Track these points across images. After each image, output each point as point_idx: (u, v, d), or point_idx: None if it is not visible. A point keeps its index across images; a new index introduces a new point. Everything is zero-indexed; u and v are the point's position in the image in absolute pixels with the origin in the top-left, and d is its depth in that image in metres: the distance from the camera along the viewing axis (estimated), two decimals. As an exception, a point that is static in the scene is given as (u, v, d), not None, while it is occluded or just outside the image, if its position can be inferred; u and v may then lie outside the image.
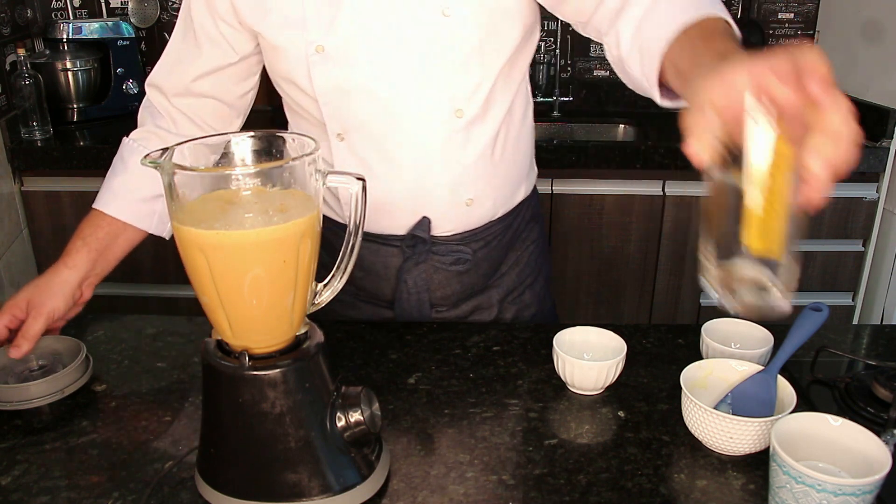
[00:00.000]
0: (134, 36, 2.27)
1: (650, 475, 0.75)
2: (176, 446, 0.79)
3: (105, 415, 0.85)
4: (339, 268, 0.72)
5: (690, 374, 0.83)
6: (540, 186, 1.24)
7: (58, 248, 2.23)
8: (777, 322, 0.95)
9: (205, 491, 0.71)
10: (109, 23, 2.23)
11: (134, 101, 2.28)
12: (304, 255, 0.66)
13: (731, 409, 0.81)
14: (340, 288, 0.72)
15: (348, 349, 0.99)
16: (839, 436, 0.70)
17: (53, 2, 2.35)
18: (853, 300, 2.12)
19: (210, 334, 0.72)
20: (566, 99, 2.46)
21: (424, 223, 1.04)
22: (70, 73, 2.15)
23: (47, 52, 2.22)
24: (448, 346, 0.99)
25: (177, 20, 1.05)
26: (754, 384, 0.82)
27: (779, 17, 2.39)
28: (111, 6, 2.37)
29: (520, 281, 1.17)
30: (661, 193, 2.01)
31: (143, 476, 0.75)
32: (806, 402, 0.87)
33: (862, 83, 2.12)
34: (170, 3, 2.38)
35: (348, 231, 0.70)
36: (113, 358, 0.98)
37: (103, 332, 1.04)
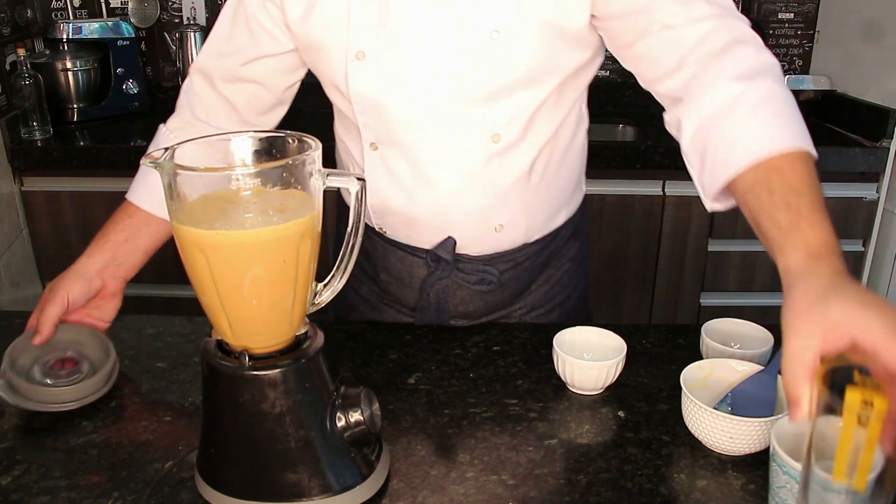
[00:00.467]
0: (134, 36, 2.26)
1: (650, 475, 0.75)
2: (176, 446, 0.79)
3: (105, 415, 0.85)
4: (338, 268, 0.72)
5: (690, 374, 0.83)
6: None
7: (58, 248, 2.23)
8: (777, 322, 0.95)
9: (205, 491, 0.71)
10: (109, 23, 2.23)
11: (134, 101, 2.28)
12: (304, 255, 0.66)
13: (731, 409, 0.81)
14: (340, 288, 0.72)
15: (348, 349, 0.99)
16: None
17: (53, 2, 2.35)
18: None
19: (210, 334, 0.72)
20: (566, 99, 2.45)
21: (449, 243, 1.01)
22: (70, 73, 2.15)
23: (47, 52, 2.21)
24: (448, 346, 0.99)
25: (223, 7, 1.02)
26: (754, 384, 0.82)
27: (779, 17, 2.39)
28: (111, 6, 2.37)
29: (548, 298, 1.13)
30: (661, 193, 2.01)
31: (143, 476, 0.75)
32: (806, 402, 0.87)
33: (862, 83, 2.12)
34: (170, 4, 2.38)
35: (348, 231, 0.70)
36: (113, 358, 0.98)
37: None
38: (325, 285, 0.72)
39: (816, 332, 0.57)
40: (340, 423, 0.69)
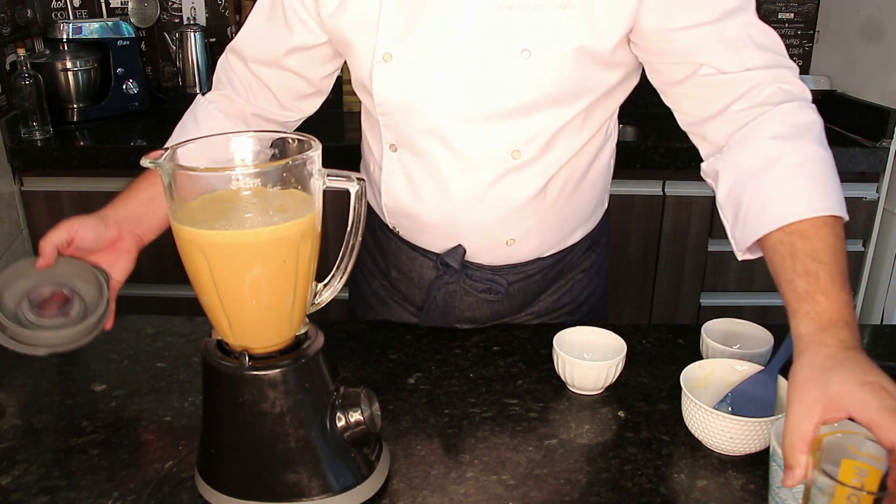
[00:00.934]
0: (134, 36, 2.26)
1: (650, 475, 0.75)
2: (176, 446, 0.79)
3: (105, 415, 0.85)
4: (338, 268, 0.72)
5: (690, 374, 0.83)
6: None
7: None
8: (777, 322, 0.95)
9: (205, 491, 0.71)
10: (109, 23, 2.23)
11: (134, 101, 2.28)
12: (304, 255, 0.66)
13: (730, 409, 0.81)
14: (340, 288, 0.72)
15: (348, 349, 0.99)
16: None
17: (53, 2, 2.35)
18: (853, 300, 2.12)
19: (210, 334, 0.72)
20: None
21: (458, 251, 1.01)
22: (70, 73, 2.15)
23: (47, 52, 2.21)
24: (448, 346, 0.99)
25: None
26: (754, 384, 0.82)
27: (779, 17, 2.39)
28: (111, 6, 2.37)
29: (556, 307, 1.12)
30: (661, 193, 2.01)
31: (143, 476, 0.75)
32: (806, 402, 0.87)
33: (862, 83, 2.12)
34: (170, 4, 2.38)
35: (348, 231, 0.70)
36: (113, 358, 0.97)
37: (103, 332, 1.04)
38: (325, 285, 0.72)
39: (817, 404, 0.61)
40: (340, 423, 0.69)
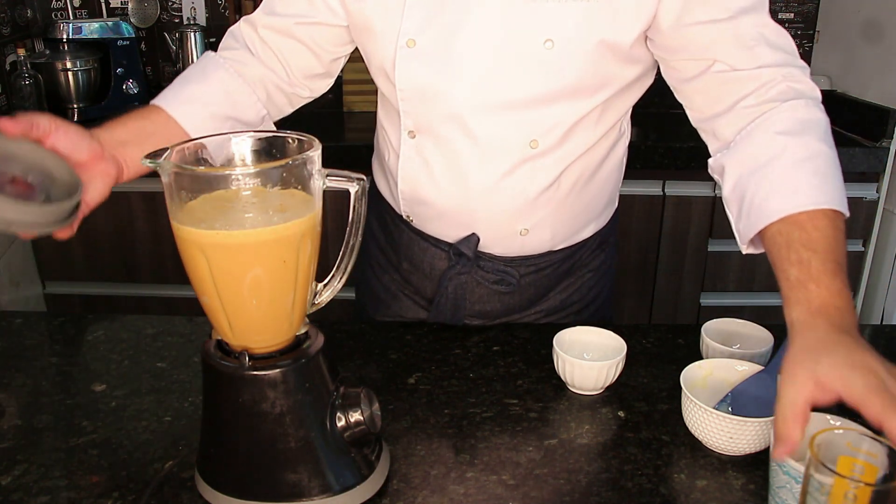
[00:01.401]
0: (134, 36, 2.26)
1: (650, 475, 0.75)
2: (176, 446, 0.79)
3: (105, 415, 0.85)
4: (338, 268, 0.72)
5: (690, 374, 0.83)
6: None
7: (58, 248, 2.23)
8: (777, 321, 0.95)
9: (205, 491, 0.71)
10: (109, 23, 2.23)
11: (134, 101, 2.28)
12: (304, 255, 0.66)
13: (731, 409, 0.81)
14: (340, 288, 0.72)
15: (348, 349, 0.99)
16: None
17: (53, 2, 2.35)
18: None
19: (210, 334, 0.72)
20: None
21: (472, 240, 1.02)
22: (70, 73, 2.15)
23: (47, 52, 2.21)
24: (448, 346, 0.99)
25: None
26: (754, 384, 0.82)
27: (779, 17, 2.39)
28: (111, 6, 2.37)
29: (565, 305, 1.12)
30: (661, 193, 2.01)
31: (143, 476, 0.75)
32: (806, 402, 0.87)
33: (862, 83, 2.12)
34: (170, 4, 2.38)
35: (347, 231, 0.70)
36: (113, 358, 0.97)
37: (103, 332, 1.04)
38: (325, 285, 0.72)
39: (808, 382, 0.63)
40: (340, 423, 0.69)
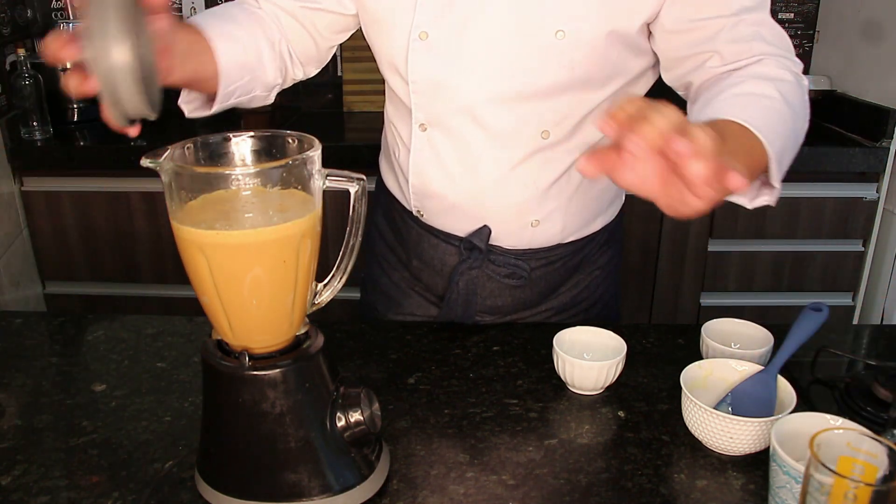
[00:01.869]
0: (134, 36, 2.26)
1: (650, 475, 0.75)
2: (176, 446, 0.79)
3: (105, 415, 0.85)
4: (338, 268, 0.72)
5: (690, 374, 0.83)
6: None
7: (58, 248, 2.24)
8: (777, 321, 0.95)
9: (205, 491, 0.71)
10: (109, 23, 2.23)
11: (134, 101, 2.27)
12: (304, 255, 0.66)
13: (731, 409, 0.81)
14: (340, 288, 0.72)
15: (348, 349, 0.99)
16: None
17: (53, 2, 2.35)
18: (853, 300, 2.12)
19: (210, 334, 0.72)
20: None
21: (484, 232, 1.02)
22: (70, 73, 2.15)
23: (47, 52, 2.21)
24: (448, 346, 0.99)
25: None
26: (754, 384, 0.82)
27: (779, 17, 2.39)
28: (111, 6, 2.37)
29: (575, 303, 1.13)
30: (661, 193, 2.01)
31: (143, 476, 0.75)
32: (806, 402, 0.87)
33: (862, 83, 2.12)
34: (170, 3, 2.38)
35: (347, 231, 0.70)
36: (113, 358, 0.97)
37: (103, 332, 1.04)
38: (325, 285, 0.72)
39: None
40: (340, 423, 0.69)
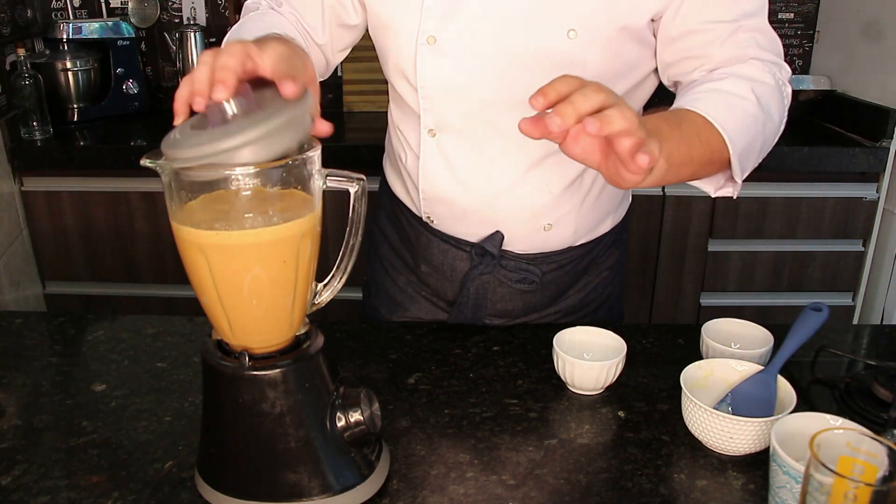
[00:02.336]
0: (134, 36, 2.26)
1: (650, 475, 0.75)
2: (176, 446, 0.79)
3: (105, 415, 0.85)
4: (338, 268, 0.72)
5: (690, 374, 0.83)
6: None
7: (58, 248, 2.23)
8: (777, 321, 0.95)
9: (205, 491, 0.71)
10: (109, 23, 2.23)
11: (134, 101, 2.28)
12: (304, 255, 0.66)
13: (731, 409, 0.81)
14: (340, 288, 0.72)
15: (348, 349, 0.99)
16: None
17: (53, 2, 2.34)
18: (853, 300, 2.12)
19: (210, 334, 0.72)
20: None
21: (497, 237, 1.02)
22: (70, 73, 2.15)
23: (47, 52, 2.21)
24: (448, 346, 0.99)
25: None
26: (754, 384, 0.82)
27: (779, 17, 2.39)
28: (111, 6, 2.37)
29: (583, 304, 1.13)
30: (661, 193, 2.01)
31: (143, 476, 0.75)
32: (806, 402, 0.87)
33: (862, 83, 2.12)
34: (170, 4, 2.38)
35: (347, 231, 0.70)
36: (113, 358, 0.97)
37: (103, 332, 1.04)
38: (325, 285, 0.72)
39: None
40: (340, 423, 0.69)
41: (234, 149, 0.59)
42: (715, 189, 0.88)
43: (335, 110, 2.38)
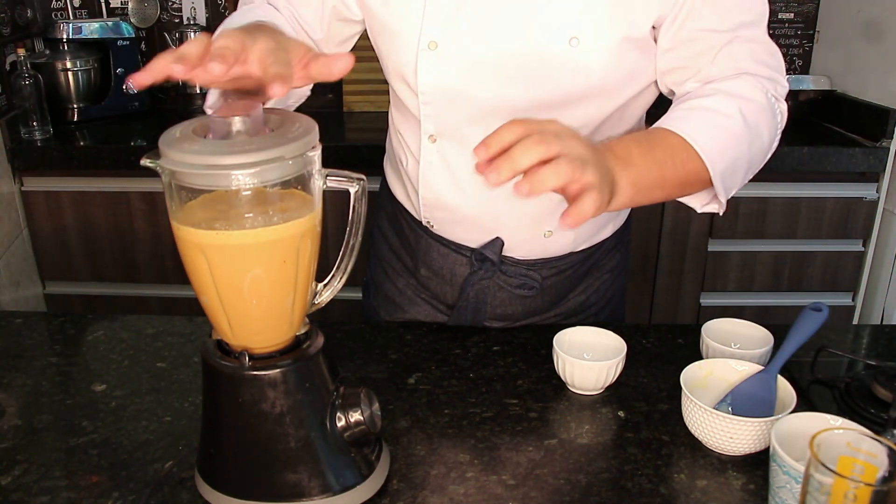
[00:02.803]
0: (134, 36, 2.26)
1: (650, 475, 0.75)
2: (176, 446, 0.79)
3: (105, 415, 0.85)
4: (338, 268, 0.72)
5: (690, 374, 0.83)
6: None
7: (58, 248, 2.23)
8: (777, 321, 0.95)
9: (205, 491, 0.71)
10: (109, 23, 2.23)
11: (134, 101, 2.28)
12: (304, 255, 0.66)
13: (731, 409, 0.81)
14: (340, 288, 0.72)
15: (348, 349, 0.99)
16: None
17: (53, 2, 2.35)
18: (853, 300, 2.12)
19: (210, 334, 0.72)
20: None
21: (496, 244, 1.01)
22: (70, 73, 2.15)
23: (47, 52, 2.21)
24: (448, 346, 0.99)
25: None
26: (754, 384, 0.82)
27: (779, 17, 2.39)
28: (111, 6, 2.37)
29: (584, 307, 1.12)
30: (661, 193, 2.01)
31: (143, 476, 0.75)
32: (806, 402, 0.87)
33: (862, 83, 2.12)
34: (170, 4, 2.38)
35: (347, 231, 0.70)
36: (113, 358, 0.97)
37: (103, 332, 1.04)
38: (325, 285, 0.72)
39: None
40: (340, 423, 0.69)
41: (228, 167, 0.59)
42: (701, 205, 0.89)
43: (335, 110, 2.37)
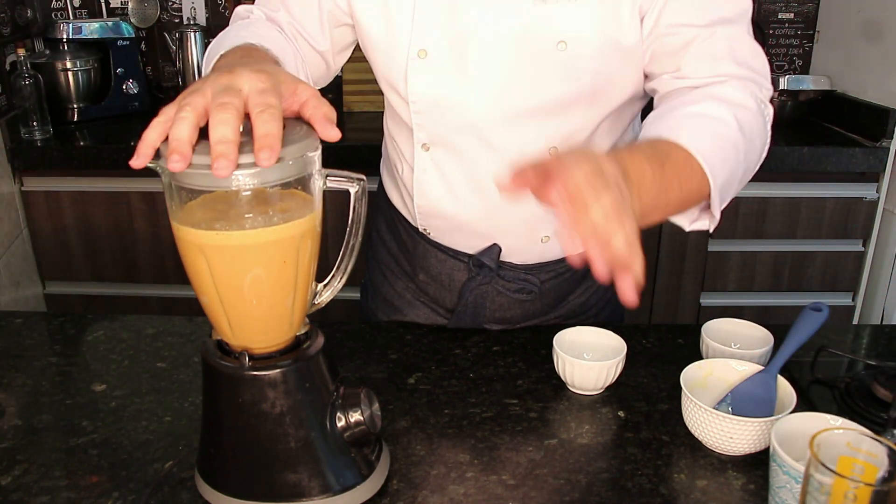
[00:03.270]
0: (134, 36, 2.26)
1: (650, 475, 0.75)
2: (176, 446, 0.79)
3: (105, 415, 0.85)
4: (338, 268, 0.72)
5: (690, 374, 0.83)
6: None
7: (58, 248, 2.23)
8: (777, 321, 0.95)
9: (205, 491, 0.71)
10: (109, 23, 2.23)
11: (134, 101, 2.28)
12: (304, 255, 0.66)
13: (731, 409, 0.81)
14: (340, 288, 0.72)
15: (348, 349, 0.99)
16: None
17: (53, 2, 2.35)
18: (853, 300, 2.12)
19: (210, 334, 0.72)
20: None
21: (494, 250, 1.01)
22: (70, 73, 2.15)
23: (47, 52, 2.21)
24: (448, 346, 0.99)
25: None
26: (754, 384, 0.82)
27: (779, 17, 2.39)
28: (111, 6, 2.37)
29: (584, 309, 1.13)
30: (661, 193, 2.01)
31: (143, 476, 0.75)
32: (806, 402, 0.87)
33: (862, 83, 2.12)
34: (170, 4, 2.38)
35: (347, 231, 0.70)
36: (113, 358, 0.98)
37: (103, 332, 1.04)
38: (325, 285, 0.72)
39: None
40: (340, 423, 0.69)
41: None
42: (689, 222, 0.82)
43: (335, 110, 2.37)
